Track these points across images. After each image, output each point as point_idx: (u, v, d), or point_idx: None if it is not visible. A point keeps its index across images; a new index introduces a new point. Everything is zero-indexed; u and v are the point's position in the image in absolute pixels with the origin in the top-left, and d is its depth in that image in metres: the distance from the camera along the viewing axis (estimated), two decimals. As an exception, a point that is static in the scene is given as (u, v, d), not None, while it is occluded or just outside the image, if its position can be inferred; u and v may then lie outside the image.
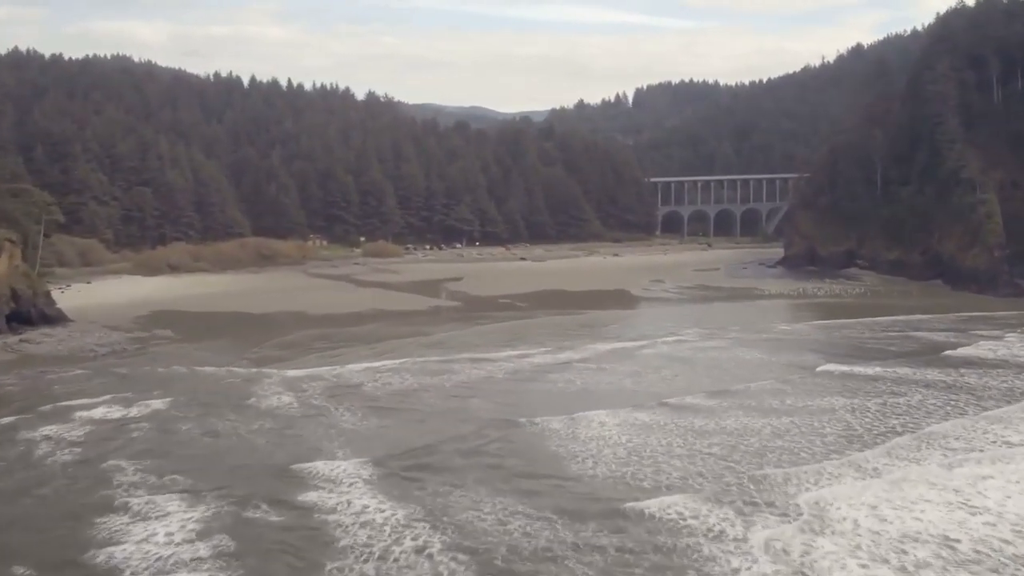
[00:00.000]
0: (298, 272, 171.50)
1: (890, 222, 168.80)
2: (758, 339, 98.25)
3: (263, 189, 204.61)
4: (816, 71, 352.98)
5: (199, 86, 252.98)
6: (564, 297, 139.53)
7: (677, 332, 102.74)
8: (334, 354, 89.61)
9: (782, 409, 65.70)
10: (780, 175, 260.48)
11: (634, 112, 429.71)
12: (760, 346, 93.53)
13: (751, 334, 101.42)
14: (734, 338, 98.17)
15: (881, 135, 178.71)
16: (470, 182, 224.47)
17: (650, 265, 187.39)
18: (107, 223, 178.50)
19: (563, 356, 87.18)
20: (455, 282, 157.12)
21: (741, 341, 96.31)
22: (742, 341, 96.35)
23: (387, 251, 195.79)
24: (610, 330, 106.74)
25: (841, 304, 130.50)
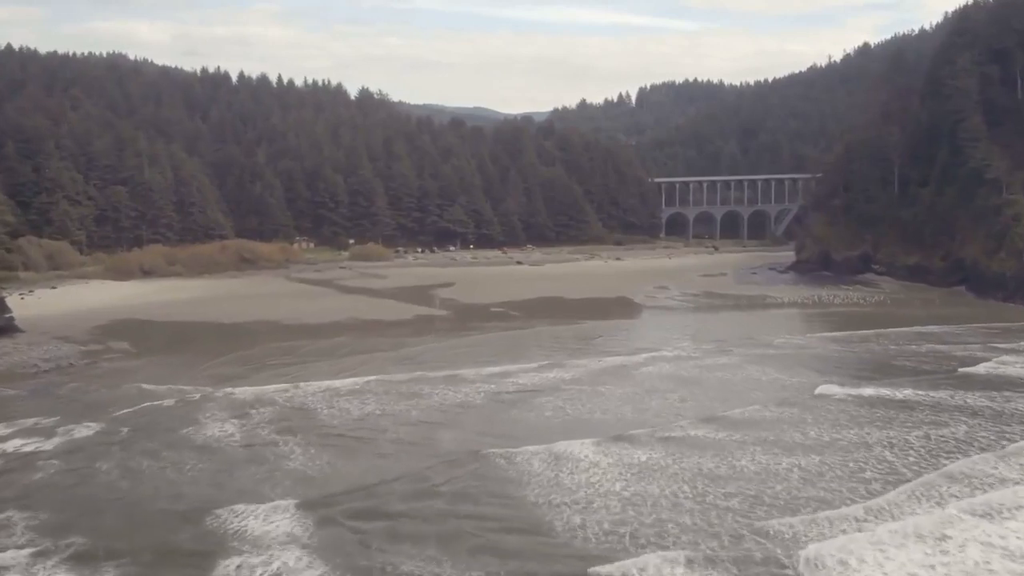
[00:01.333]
0: (279, 277, 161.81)
1: (908, 225, 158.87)
2: (772, 355, 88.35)
3: (247, 189, 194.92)
4: (823, 70, 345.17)
5: (185, 82, 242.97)
6: (561, 305, 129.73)
7: (682, 346, 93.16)
8: (297, 371, 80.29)
9: (807, 444, 56.11)
10: (789, 175, 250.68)
11: (637, 112, 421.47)
12: (775, 363, 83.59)
13: (764, 349, 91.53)
14: (745, 353, 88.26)
15: (899, 133, 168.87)
16: (465, 182, 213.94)
17: (654, 270, 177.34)
18: (79, 224, 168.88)
19: (553, 375, 77.48)
20: (445, 288, 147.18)
21: (753, 357, 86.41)
22: (754, 357, 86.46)
23: (375, 254, 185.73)
24: (609, 343, 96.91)
25: (860, 314, 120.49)
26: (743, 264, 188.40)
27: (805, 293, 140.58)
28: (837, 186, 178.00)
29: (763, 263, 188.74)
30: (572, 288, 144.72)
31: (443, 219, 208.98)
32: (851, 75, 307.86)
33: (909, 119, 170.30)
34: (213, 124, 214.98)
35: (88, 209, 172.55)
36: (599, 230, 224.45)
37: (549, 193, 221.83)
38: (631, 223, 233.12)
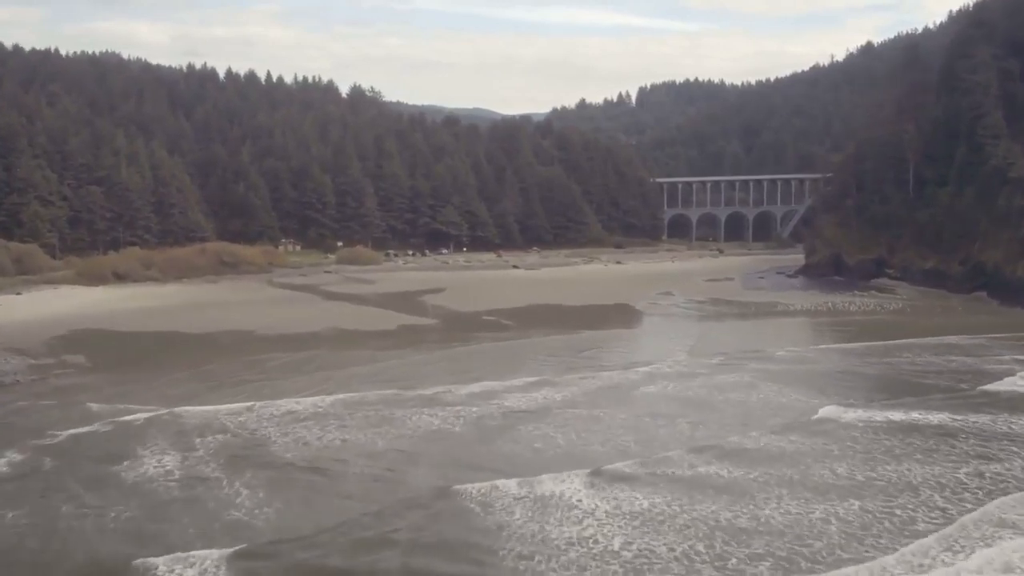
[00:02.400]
0: (261, 282, 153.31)
1: (925, 227, 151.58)
2: (787, 371, 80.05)
3: (230, 189, 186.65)
4: (826, 70, 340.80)
5: (170, 79, 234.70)
6: (558, 313, 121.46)
7: (687, 360, 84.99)
8: (258, 388, 72.08)
9: (841, 484, 47.84)
10: (795, 175, 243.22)
11: (637, 111, 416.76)
12: (791, 381, 75.24)
13: (778, 364, 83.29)
14: (757, 369, 79.95)
15: (914, 130, 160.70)
16: (459, 181, 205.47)
17: (656, 274, 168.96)
18: (51, 226, 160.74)
19: (545, 395, 69.03)
20: (435, 294, 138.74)
21: (767, 374, 78.06)
22: (768, 374, 78.12)
23: (363, 258, 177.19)
24: (608, 356, 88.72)
25: (879, 323, 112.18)
26: (749, 268, 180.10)
27: (818, 300, 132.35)
28: (849, 186, 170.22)
29: (770, 267, 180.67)
30: (570, 294, 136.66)
31: (436, 221, 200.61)
32: (856, 74, 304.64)
33: (924, 116, 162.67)
34: (198, 122, 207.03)
35: (61, 210, 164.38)
36: (599, 232, 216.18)
37: (547, 194, 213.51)
38: (632, 225, 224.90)
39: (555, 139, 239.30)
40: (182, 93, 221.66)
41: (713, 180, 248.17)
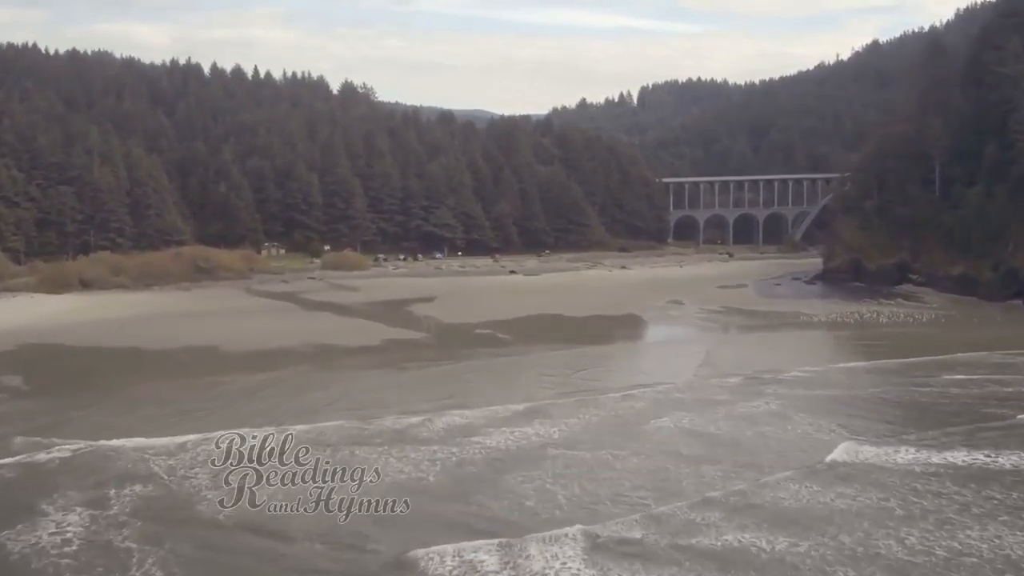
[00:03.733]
0: (238, 290, 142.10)
1: (953, 230, 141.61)
2: (820, 396, 69.79)
3: (211, 189, 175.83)
4: (832, 68, 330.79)
5: (152, 74, 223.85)
6: (559, 325, 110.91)
7: (706, 383, 74.69)
8: (206, 418, 61.81)
9: (919, 562, 37.94)
10: (808, 175, 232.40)
11: (639, 111, 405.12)
12: (827, 409, 65.03)
13: (808, 387, 72.91)
14: (787, 395, 69.58)
15: (940, 126, 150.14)
16: (454, 181, 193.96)
17: (664, 280, 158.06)
18: (16, 228, 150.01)
19: (540, 430, 58.56)
20: (426, 304, 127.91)
21: (798, 400, 67.75)
22: (798, 400, 67.87)
23: (349, 263, 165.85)
24: (614, 378, 78.29)
25: (914, 336, 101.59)
26: (763, 273, 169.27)
27: (842, 309, 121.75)
28: (869, 186, 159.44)
29: (785, 272, 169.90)
30: (572, 303, 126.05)
31: (429, 223, 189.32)
32: (864, 72, 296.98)
33: (950, 111, 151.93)
34: (180, 119, 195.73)
35: (28, 212, 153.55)
36: (601, 235, 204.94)
37: (547, 194, 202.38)
38: (637, 227, 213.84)
39: (555, 137, 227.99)
40: (165, 89, 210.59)
41: (721, 180, 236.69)
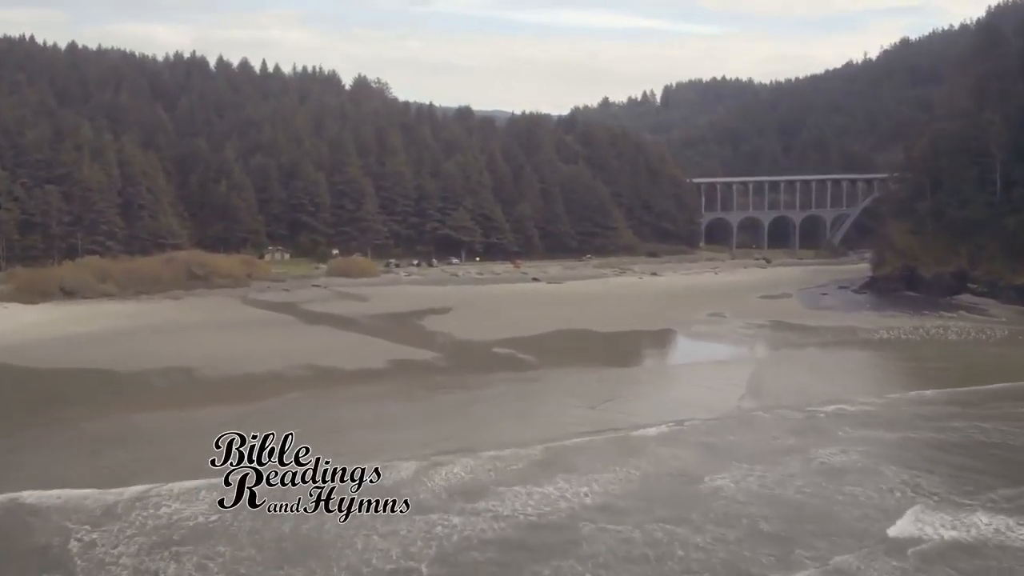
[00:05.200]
0: (234, 298, 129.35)
1: (1016, 235, 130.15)
2: (913, 441, 57.65)
3: (211, 189, 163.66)
4: (862, 66, 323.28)
5: (153, 67, 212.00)
6: (588, 342, 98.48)
7: (762, 417, 63.79)
8: (158, 462, 50.89)
9: None
10: (847, 176, 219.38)
11: (662, 111, 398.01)
12: (922, 459, 53.43)
13: (890, 426, 61.38)
14: (867, 438, 58.01)
15: (1000, 122, 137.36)
16: (472, 181, 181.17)
17: (700, 288, 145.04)
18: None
19: (566, 491, 47.77)
20: (439, 316, 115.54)
21: (883, 445, 56.86)
22: (884, 445, 56.97)
23: (357, 269, 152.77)
24: (652, 410, 66.80)
25: (990, 357, 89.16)
26: (805, 281, 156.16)
27: (902, 323, 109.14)
28: (922, 187, 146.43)
29: (829, 280, 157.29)
30: (601, 315, 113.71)
31: (445, 225, 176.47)
32: (895, 69, 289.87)
33: (1012, 106, 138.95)
34: (181, 114, 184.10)
35: (11, 213, 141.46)
36: (629, 239, 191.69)
37: (570, 195, 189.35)
38: (666, 230, 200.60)
39: (579, 135, 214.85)
40: (166, 83, 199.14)
41: (755, 181, 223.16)
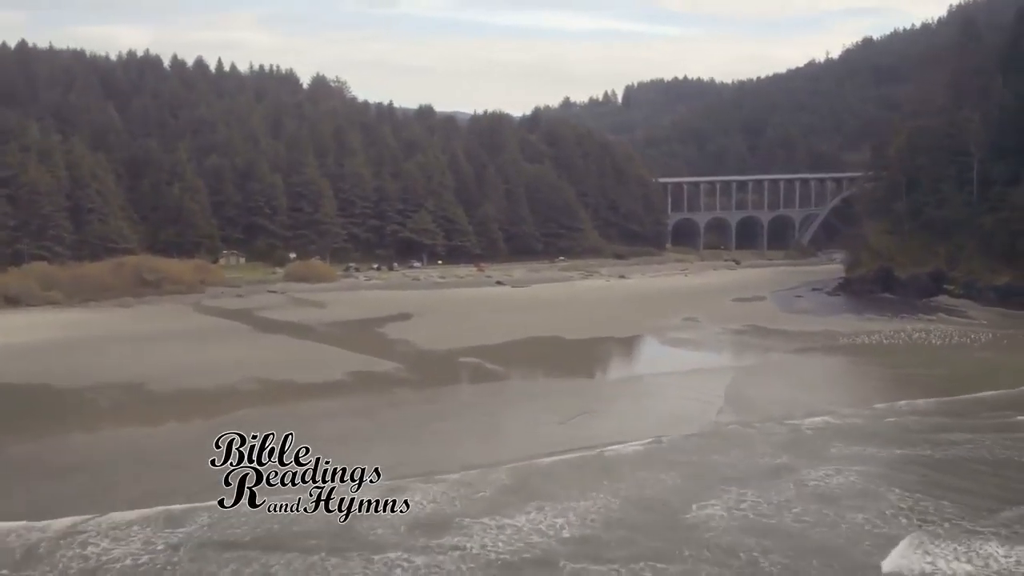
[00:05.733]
0: (186, 306, 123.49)
1: (994, 235, 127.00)
2: (914, 458, 53.84)
3: (164, 191, 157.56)
4: (824, 65, 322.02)
5: (106, 67, 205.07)
6: (557, 350, 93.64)
7: (747, 432, 59.37)
8: (92, 490, 45.36)
9: None
10: (816, 175, 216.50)
11: (624, 111, 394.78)
12: (931, 487, 48.64)
13: (887, 445, 56.54)
14: (861, 455, 53.87)
15: (978, 120, 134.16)
16: (434, 182, 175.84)
17: (671, 291, 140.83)
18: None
19: (539, 523, 43.50)
20: (400, 323, 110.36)
21: (887, 468, 52.52)
22: (889, 468, 52.57)
23: (315, 274, 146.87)
24: (633, 426, 61.42)
25: (977, 363, 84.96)
26: (777, 283, 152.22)
27: (882, 327, 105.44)
28: (899, 186, 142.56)
29: (801, 282, 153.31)
30: (570, 321, 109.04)
31: (406, 228, 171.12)
32: (859, 68, 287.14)
33: (990, 103, 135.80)
34: (134, 114, 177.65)
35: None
36: (596, 240, 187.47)
37: (535, 195, 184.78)
38: (633, 231, 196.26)
39: (543, 134, 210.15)
40: (119, 82, 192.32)
41: (723, 180, 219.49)
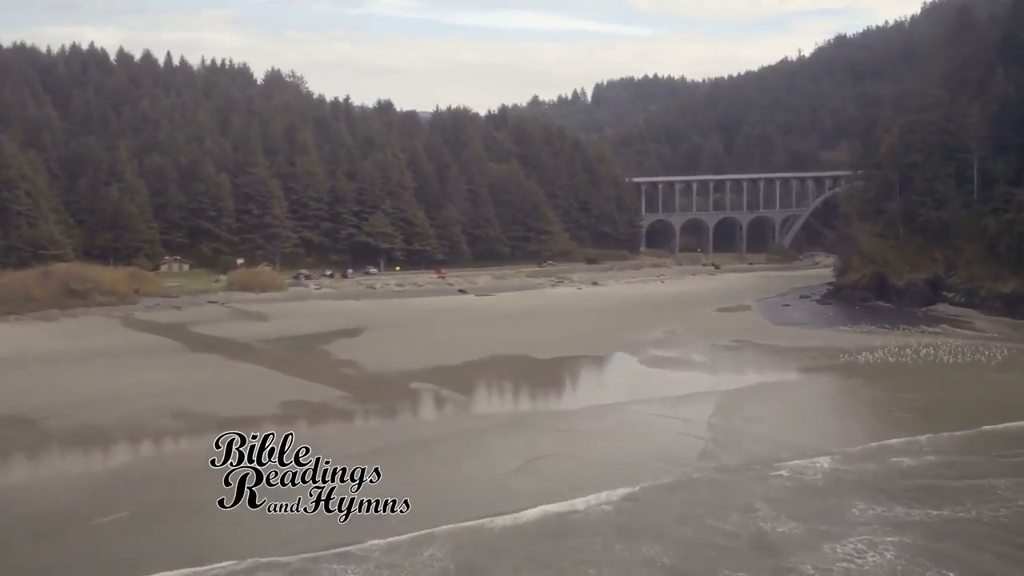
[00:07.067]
0: (116, 319, 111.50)
1: (996, 238, 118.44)
2: (959, 524, 44.03)
3: (101, 193, 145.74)
4: (800, 63, 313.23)
5: (47, 62, 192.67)
6: (524, 371, 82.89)
7: (750, 494, 48.57)
8: None
9: None
10: (797, 174, 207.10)
11: (593, 109, 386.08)
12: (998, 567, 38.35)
13: (922, 503, 47.31)
14: (900, 524, 44.72)
15: (977, 114, 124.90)
16: (392, 182, 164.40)
17: (648, 300, 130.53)
18: None
19: None
20: (350, 339, 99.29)
21: (928, 540, 43.34)
22: (931, 539, 43.32)
23: (260, 282, 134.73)
24: (601, 472, 51.05)
25: (1000, 386, 75.34)
26: (761, 289, 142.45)
27: (885, 341, 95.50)
28: (891, 186, 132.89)
29: (787, 288, 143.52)
30: (539, 336, 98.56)
31: (362, 231, 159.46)
32: (834, 66, 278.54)
33: (989, 97, 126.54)
34: (74, 111, 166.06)
35: None
36: (566, 243, 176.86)
37: (501, 196, 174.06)
38: (605, 234, 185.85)
39: (511, 131, 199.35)
40: (60, 77, 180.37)
41: (699, 180, 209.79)
